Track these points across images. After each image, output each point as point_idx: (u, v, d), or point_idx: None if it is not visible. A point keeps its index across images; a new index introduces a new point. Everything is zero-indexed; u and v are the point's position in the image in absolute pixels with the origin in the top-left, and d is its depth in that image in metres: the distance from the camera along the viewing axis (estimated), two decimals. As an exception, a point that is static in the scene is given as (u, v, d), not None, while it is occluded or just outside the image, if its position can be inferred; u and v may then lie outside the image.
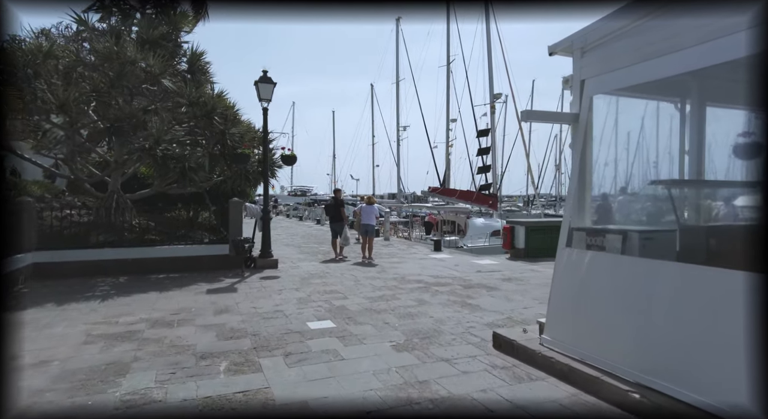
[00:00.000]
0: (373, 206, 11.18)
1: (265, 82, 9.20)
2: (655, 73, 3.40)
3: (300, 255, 11.44)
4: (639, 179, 4.06)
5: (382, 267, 9.45)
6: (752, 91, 2.74)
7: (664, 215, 3.90)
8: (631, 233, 3.47)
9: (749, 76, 2.81)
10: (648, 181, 4.05)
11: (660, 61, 3.32)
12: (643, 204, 4.13)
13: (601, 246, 3.67)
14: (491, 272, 8.90)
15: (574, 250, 3.86)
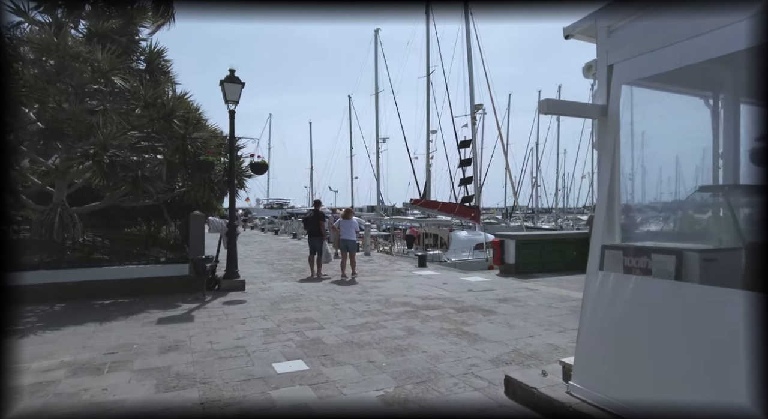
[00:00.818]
0: (352, 220, 10.29)
1: (232, 82, 8.27)
2: (711, 50, 2.69)
3: (272, 274, 10.39)
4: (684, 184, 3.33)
5: (364, 287, 8.52)
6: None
7: (719, 228, 3.18)
8: (689, 253, 2.70)
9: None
10: (696, 187, 3.33)
11: (718, 34, 2.61)
12: (692, 215, 3.40)
13: (646, 269, 2.90)
14: (484, 291, 8.09)
15: (610, 275, 3.07)
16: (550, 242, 11.03)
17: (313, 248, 9.89)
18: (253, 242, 21.40)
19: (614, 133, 3.25)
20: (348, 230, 10.02)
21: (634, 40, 3.13)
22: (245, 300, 7.30)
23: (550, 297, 7.49)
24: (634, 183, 3.39)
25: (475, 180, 23.50)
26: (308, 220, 10.05)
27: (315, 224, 9.85)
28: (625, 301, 2.91)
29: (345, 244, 9.93)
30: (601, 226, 3.24)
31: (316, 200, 10.61)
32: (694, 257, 2.69)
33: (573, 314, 6.29)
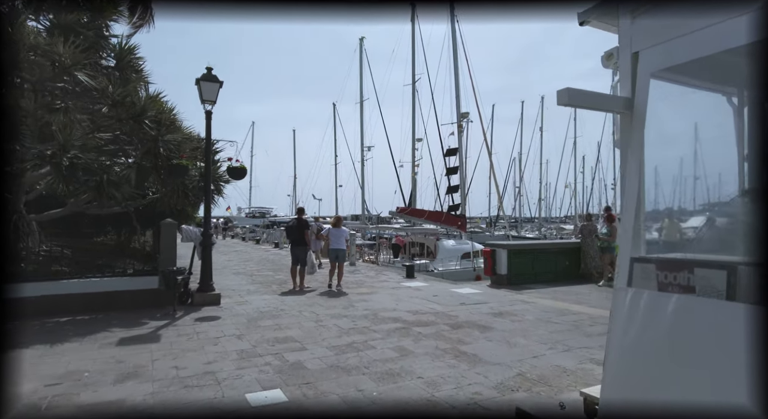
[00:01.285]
0: (342, 229, 9.77)
1: (208, 80, 7.71)
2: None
3: (251, 286, 9.74)
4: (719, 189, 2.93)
5: (350, 301, 7.97)
6: None
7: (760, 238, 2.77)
8: (745, 268, 2.28)
9: None
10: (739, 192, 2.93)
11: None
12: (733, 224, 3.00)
13: (687, 286, 2.46)
14: (477, 304, 7.63)
15: (643, 293, 2.63)
16: (542, 251, 10.68)
17: (295, 259, 9.30)
18: (232, 251, 20.59)
19: (641, 128, 2.84)
20: (338, 239, 9.49)
21: (664, 23, 2.75)
22: (220, 316, 6.67)
23: (547, 311, 7.07)
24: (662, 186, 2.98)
25: (461, 188, 23.24)
26: (291, 228, 9.47)
27: (298, 233, 9.28)
28: (665, 325, 2.46)
29: (335, 253, 9.39)
30: (629, 236, 2.80)
31: (300, 208, 10.05)
32: (749, 272, 2.27)
33: (575, 329, 5.87)
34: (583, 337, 5.50)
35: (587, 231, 10.79)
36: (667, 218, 3.06)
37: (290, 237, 9.50)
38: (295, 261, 9.32)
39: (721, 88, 3.29)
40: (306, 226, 9.35)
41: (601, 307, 7.37)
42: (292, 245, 9.40)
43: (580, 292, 8.99)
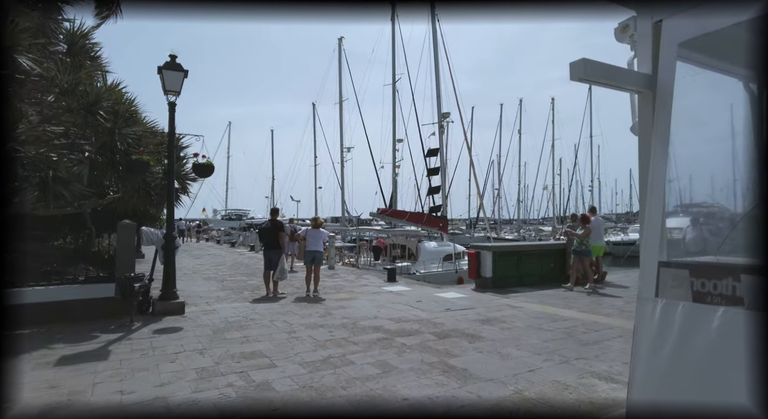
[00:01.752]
0: (321, 231, 9.17)
1: (171, 69, 7.05)
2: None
3: (221, 293, 9.06)
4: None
5: (327, 308, 7.41)
6: None
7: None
8: (809, 276, 1.86)
9: None
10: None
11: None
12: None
13: (732, 296, 2.04)
14: (463, 310, 7.19)
15: (677, 305, 2.19)
16: (528, 253, 10.35)
17: (269, 263, 8.68)
18: (206, 255, 19.69)
19: (666, 110, 2.42)
20: (316, 240, 8.90)
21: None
22: (182, 328, 6.02)
23: (537, 317, 6.68)
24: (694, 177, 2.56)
25: (442, 189, 22.93)
26: (265, 231, 8.84)
27: (272, 236, 8.66)
28: (705, 345, 2.03)
29: (312, 256, 8.78)
30: (656, 236, 2.37)
31: (274, 209, 9.41)
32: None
33: (569, 337, 5.47)
34: (578, 346, 5.10)
35: (573, 233, 10.52)
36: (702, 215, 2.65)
37: (263, 240, 8.87)
38: (268, 266, 8.70)
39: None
40: (280, 228, 8.74)
41: (591, 312, 7.04)
42: (266, 248, 8.77)
43: (568, 296, 8.67)
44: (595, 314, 6.88)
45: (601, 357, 4.65)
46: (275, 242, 8.59)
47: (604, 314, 6.87)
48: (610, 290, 9.40)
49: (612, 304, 7.74)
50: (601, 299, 8.29)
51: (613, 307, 7.45)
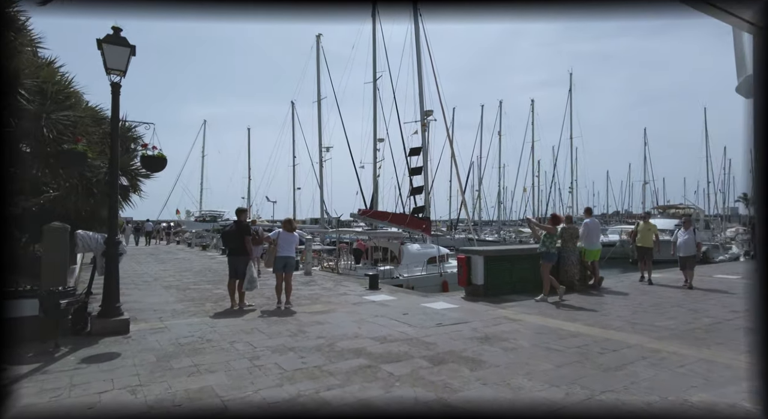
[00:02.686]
0: (294, 234, 8.12)
1: (114, 43, 5.93)
2: None
3: (179, 305, 7.94)
4: None
5: (300, 324, 6.41)
6: None
7: None
8: None
9: None
10: None
11: None
12: None
13: None
14: (456, 324, 6.31)
15: None
16: (521, 258, 9.56)
17: (234, 271, 7.61)
18: (173, 259, 18.31)
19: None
20: (288, 245, 7.85)
21: None
22: (120, 353, 4.93)
23: (540, 332, 5.86)
24: None
25: (425, 189, 22.13)
26: (229, 234, 7.75)
27: (238, 240, 7.60)
28: None
29: (283, 262, 7.72)
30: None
31: (240, 209, 8.25)
32: None
33: (585, 361, 4.64)
34: (600, 373, 4.27)
35: (568, 235, 9.78)
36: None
37: (228, 245, 7.79)
38: (233, 274, 7.63)
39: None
40: (247, 231, 7.67)
41: (599, 326, 6.26)
42: (230, 254, 7.70)
43: (564, 304, 7.90)
44: (605, 328, 6.10)
45: (633, 389, 3.83)
46: (241, 247, 7.52)
47: (615, 328, 6.09)
48: (610, 297, 8.69)
49: (618, 315, 7.00)
50: (604, 308, 7.55)
51: (621, 319, 6.70)
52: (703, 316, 6.81)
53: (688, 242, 9.95)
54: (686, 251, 9.87)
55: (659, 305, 7.81)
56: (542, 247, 8.41)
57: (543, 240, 8.45)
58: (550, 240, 8.39)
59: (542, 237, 8.49)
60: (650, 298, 8.50)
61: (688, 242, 9.95)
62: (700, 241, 10.62)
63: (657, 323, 6.39)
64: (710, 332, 5.88)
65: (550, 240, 8.39)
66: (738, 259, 27.95)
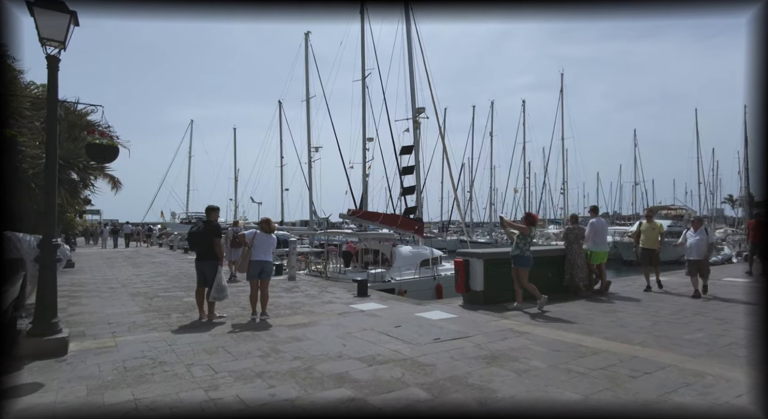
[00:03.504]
0: (272, 236, 7.16)
1: (49, 8, 4.97)
2: None
3: (142, 316, 6.97)
4: None
5: (275, 340, 5.50)
6: None
7: None
8: None
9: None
10: None
11: None
12: None
13: None
14: (456, 339, 5.45)
15: None
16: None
17: (202, 278, 6.69)
18: (150, 263, 17.24)
19: None
20: (265, 248, 6.88)
21: None
22: (43, 385, 3.97)
23: (555, 348, 5.03)
24: None
25: (417, 188, 21.31)
26: (195, 235, 6.79)
27: (206, 243, 6.66)
28: None
29: (259, 268, 6.78)
30: None
31: (210, 207, 7.21)
32: None
33: (616, 387, 3.81)
34: (639, 406, 3.44)
35: (573, 236, 9.01)
36: None
37: (195, 248, 6.84)
38: (201, 281, 6.70)
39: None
40: (216, 232, 6.74)
41: (620, 339, 5.44)
42: (198, 258, 6.77)
43: (577, 313, 7.10)
44: (627, 342, 5.29)
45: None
46: (209, 251, 6.59)
47: (638, 343, 5.28)
48: (621, 304, 7.91)
49: (637, 326, 6.20)
50: (619, 317, 6.75)
51: (642, 331, 5.90)
52: (733, 327, 6.03)
53: (699, 244, 8.55)
54: (697, 254, 8.53)
55: (679, 313, 7.04)
56: (515, 250, 7.47)
57: (516, 242, 7.49)
58: (524, 242, 7.44)
59: (516, 238, 7.58)
60: (666, 305, 7.74)
61: (699, 244, 8.55)
62: (712, 242, 9.50)
63: (684, 336, 5.59)
64: (750, 348, 5.09)
65: (524, 242, 7.44)
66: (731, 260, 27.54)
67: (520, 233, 7.55)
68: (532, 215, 8.04)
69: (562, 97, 44.26)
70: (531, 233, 7.58)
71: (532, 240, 7.61)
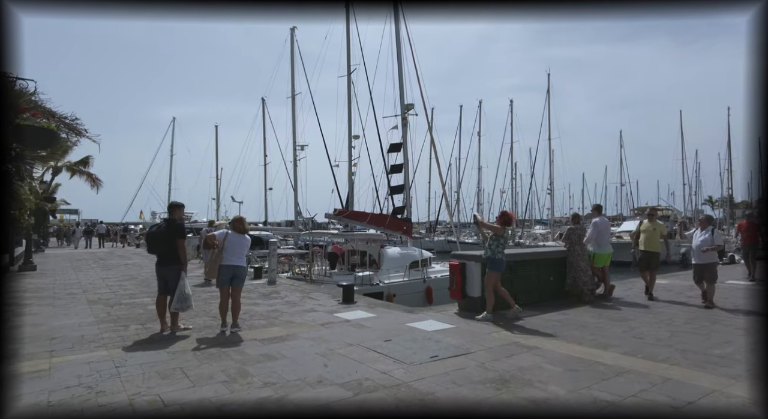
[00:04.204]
0: (246, 237, 6.31)
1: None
2: None
3: (95, 328, 6.07)
4: None
5: (244, 359, 4.68)
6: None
7: None
8: None
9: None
10: None
11: None
12: None
13: None
14: (456, 356, 4.71)
15: None
16: (522, 264, 8.06)
17: (163, 285, 5.84)
18: (122, 265, 16.15)
19: None
20: (238, 250, 6.02)
21: None
22: (-63, 428, 3.10)
23: (572, 368, 4.32)
24: None
25: (405, 187, 20.59)
26: (156, 236, 5.91)
27: (168, 244, 5.80)
28: None
29: (230, 273, 5.92)
30: None
31: (173, 203, 6.26)
32: None
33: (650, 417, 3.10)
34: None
35: (576, 237, 8.37)
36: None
37: (155, 250, 5.96)
38: (162, 288, 5.85)
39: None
40: (180, 232, 5.88)
41: (643, 355, 4.77)
42: (159, 263, 5.91)
43: (586, 322, 6.43)
44: (650, 359, 4.62)
45: None
46: (172, 254, 5.74)
47: (664, 359, 4.61)
48: (630, 311, 7.28)
49: (656, 337, 5.55)
50: (632, 327, 6.10)
51: (662, 343, 5.25)
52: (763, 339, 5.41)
53: (705, 244, 7.70)
54: (704, 257, 7.70)
55: (695, 322, 6.42)
56: (487, 252, 6.73)
57: (489, 243, 6.73)
58: (496, 243, 6.66)
59: (489, 239, 6.80)
60: (678, 312, 7.13)
61: (705, 244, 7.70)
62: (719, 244, 8.13)
63: (713, 350, 4.95)
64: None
65: (496, 243, 6.66)
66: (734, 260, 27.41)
67: (493, 234, 6.75)
68: (507, 214, 7.09)
69: (549, 98, 44.04)
70: (505, 234, 6.81)
71: (506, 242, 6.86)
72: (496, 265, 6.64)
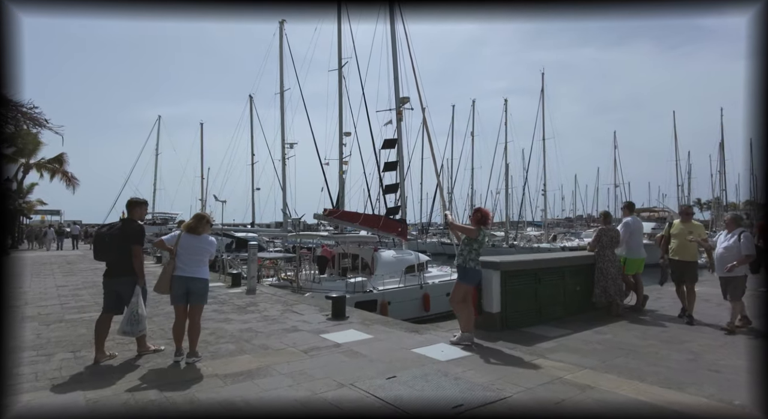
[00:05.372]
0: (204, 238, 4.93)
1: None
2: None
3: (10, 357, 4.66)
4: None
5: (194, 409, 3.34)
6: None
7: None
8: None
9: None
10: None
11: None
12: None
13: None
14: (487, 406, 3.42)
15: None
16: (546, 271, 6.80)
17: (112, 301, 4.48)
18: (89, 269, 14.59)
19: None
20: (195, 256, 4.62)
21: None
22: None
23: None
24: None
25: (401, 186, 19.34)
26: (106, 239, 4.47)
27: (121, 250, 4.43)
28: None
29: (184, 287, 4.54)
30: None
31: (132, 200, 4.84)
32: None
33: None
34: None
35: (608, 239, 7.14)
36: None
37: (104, 257, 4.52)
38: (111, 306, 4.48)
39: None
40: (136, 236, 4.49)
41: (729, 395, 3.53)
42: (108, 273, 4.52)
43: (633, 345, 5.19)
44: (734, 405, 3.38)
45: None
46: (125, 263, 4.37)
47: None
48: (676, 328, 6.05)
49: (733, 367, 4.33)
50: (695, 353, 4.87)
51: (746, 376, 4.02)
52: None
53: (730, 252, 5.84)
54: (722, 268, 5.89)
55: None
56: (458, 258, 5.37)
57: (461, 249, 5.36)
58: (468, 248, 5.23)
59: (461, 243, 5.45)
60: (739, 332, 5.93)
61: (730, 252, 5.84)
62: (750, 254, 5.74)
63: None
64: None
65: (468, 248, 5.23)
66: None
67: (465, 237, 5.35)
68: (482, 212, 5.47)
69: (543, 97, 43.20)
70: (479, 237, 5.27)
71: (480, 247, 5.29)
72: (467, 276, 5.21)
